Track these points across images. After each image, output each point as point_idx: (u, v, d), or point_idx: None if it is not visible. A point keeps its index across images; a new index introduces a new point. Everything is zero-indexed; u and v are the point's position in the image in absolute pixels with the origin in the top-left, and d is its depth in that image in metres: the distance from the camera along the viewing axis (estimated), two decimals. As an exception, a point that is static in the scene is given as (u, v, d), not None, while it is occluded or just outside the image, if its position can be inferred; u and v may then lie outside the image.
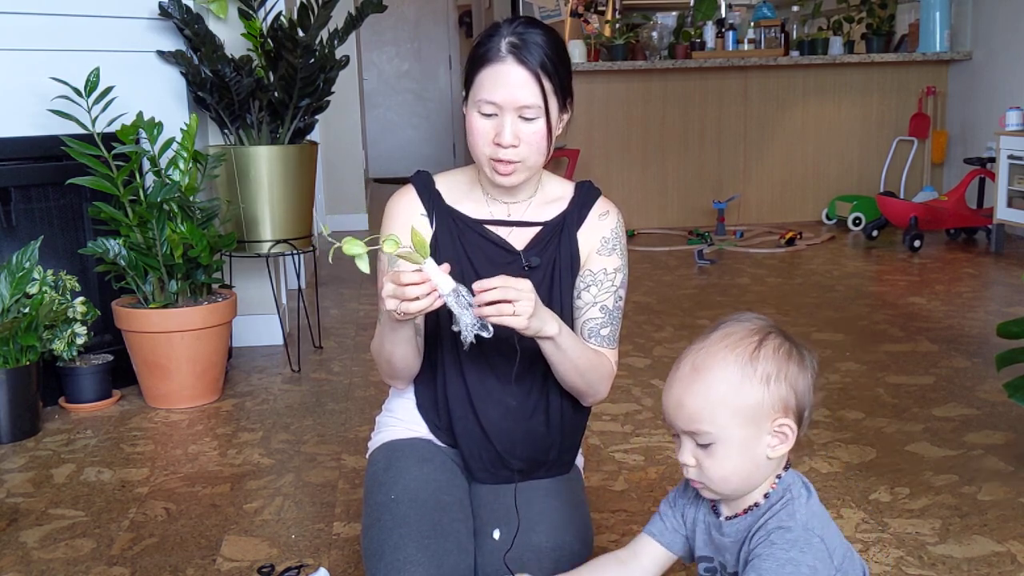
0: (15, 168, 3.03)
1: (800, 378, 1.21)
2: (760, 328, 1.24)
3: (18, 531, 2.20)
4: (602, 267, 1.65)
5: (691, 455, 1.23)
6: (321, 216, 6.60)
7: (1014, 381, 2.37)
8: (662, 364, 3.38)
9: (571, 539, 1.55)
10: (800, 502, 1.23)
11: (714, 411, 1.19)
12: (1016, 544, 2.02)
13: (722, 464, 1.21)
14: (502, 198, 1.66)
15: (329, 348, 3.76)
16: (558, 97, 1.55)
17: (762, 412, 1.19)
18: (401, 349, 1.58)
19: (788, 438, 1.21)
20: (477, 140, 1.54)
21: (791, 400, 1.20)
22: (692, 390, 1.20)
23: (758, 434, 1.20)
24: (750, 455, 1.21)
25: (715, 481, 1.22)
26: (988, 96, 6.14)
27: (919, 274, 4.90)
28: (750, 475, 1.22)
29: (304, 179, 3.43)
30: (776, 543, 1.18)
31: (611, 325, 1.65)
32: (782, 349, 1.22)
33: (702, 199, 6.56)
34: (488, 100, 1.52)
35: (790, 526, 1.19)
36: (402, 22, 10.63)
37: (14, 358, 2.79)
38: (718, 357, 1.20)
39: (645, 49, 6.70)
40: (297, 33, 3.22)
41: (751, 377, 1.19)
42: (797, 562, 1.16)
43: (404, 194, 1.68)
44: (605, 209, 1.68)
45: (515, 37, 1.51)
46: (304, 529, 2.17)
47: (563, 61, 1.56)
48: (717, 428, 1.19)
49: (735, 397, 1.19)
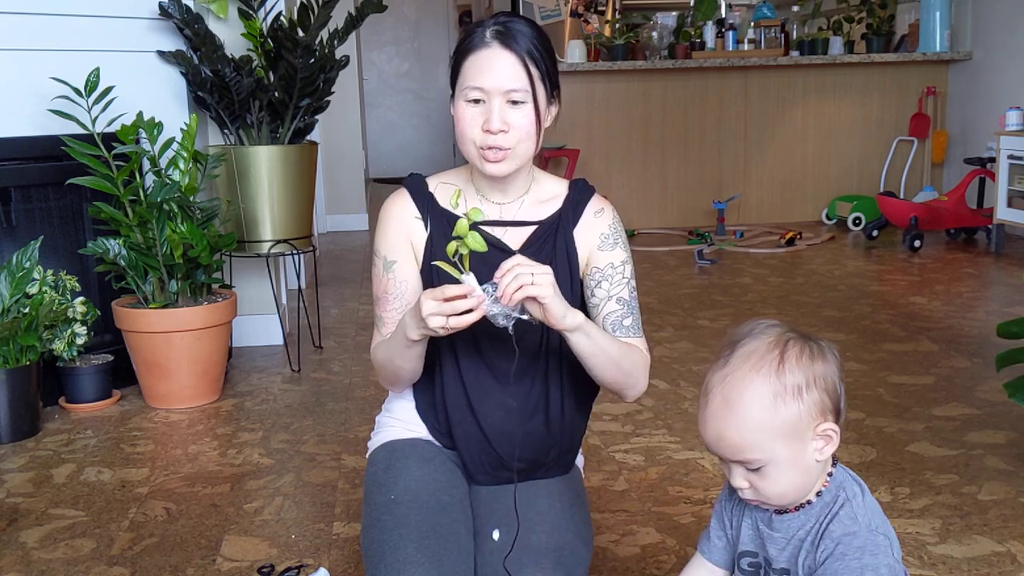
0: (15, 168, 3.03)
1: (828, 376, 1.21)
2: (777, 339, 1.21)
3: (18, 531, 2.20)
4: (608, 262, 1.64)
5: (743, 479, 1.22)
6: (321, 216, 6.61)
7: (1014, 381, 2.37)
8: (663, 364, 3.38)
9: (571, 539, 1.55)
10: (857, 502, 1.23)
11: (756, 438, 1.18)
12: (1017, 544, 2.02)
13: (776, 482, 1.20)
14: (494, 198, 1.65)
15: (329, 348, 3.76)
16: (545, 85, 1.55)
17: (803, 424, 1.19)
18: (411, 364, 1.58)
19: (833, 439, 1.21)
20: (465, 129, 1.53)
21: (826, 401, 1.20)
22: (729, 424, 1.19)
23: (803, 445, 1.19)
24: (800, 466, 1.20)
25: (772, 498, 1.22)
26: (988, 96, 6.14)
27: (919, 274, 4.90)
28: (804, 484, 1.22)
29: (304, 179, 3.43)
30: (847, 554, 1.17)
31: (632, 315, 1.64)
32: (804, 354, 1.20)
33: (702, 199, 6.56)
34: (474, 86, 1.51)
35: (855, 531, 1.19)
36: (402, 22, 10.62)
37: (14, 358, 2.79)
38: (745, 382, 1.18)
39: (645, 49, 6.70)
40: (297, 33, 3.22)
41: (783, 394, 1.18)
42: (873, 566, 1.17)
43: (398, 198, 1.67)
44: (600, 206, 1.67)
45: (499, 26, 1.52)
46: (304, 529, 2.17)
47: (549, 52, 1.56)
48: (763, 453, 1.19)
49: (773, 419, 1.18)
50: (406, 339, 1.51)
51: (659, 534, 2.10)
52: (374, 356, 1.67)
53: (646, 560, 2.00)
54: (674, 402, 2.99)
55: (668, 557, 2.00)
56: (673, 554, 2.02)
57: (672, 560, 1.99)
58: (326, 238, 6.59)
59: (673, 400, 3.01)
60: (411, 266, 1.64)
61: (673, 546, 2.05)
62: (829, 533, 1.20)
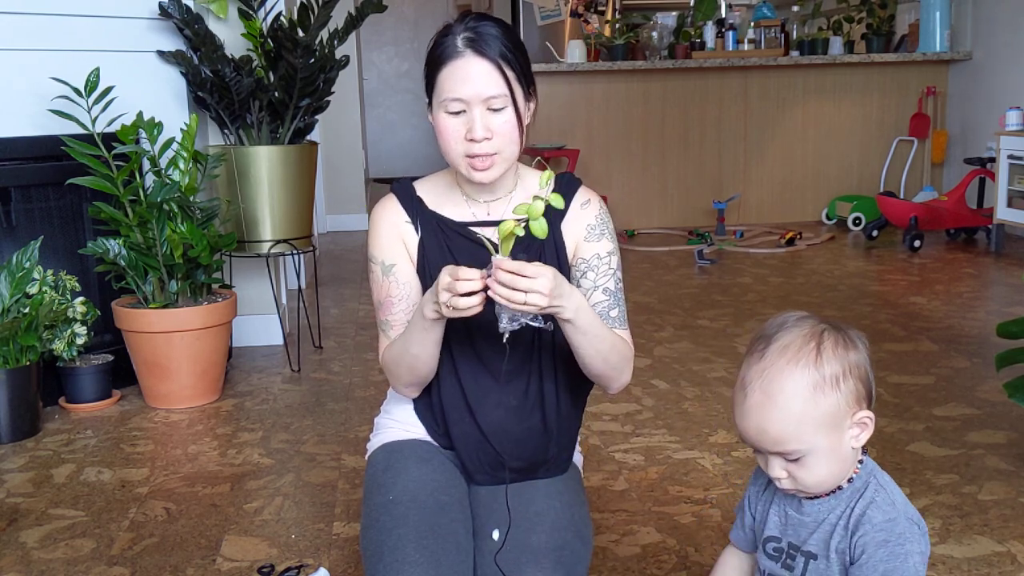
0: (15, 168, 3.03)
1: (862, 363, 1.23)
2: (812, 331, 1.23)
3: (18, 531, 2.20)
4: (595, 252, 1.64)
5: (782, 469, 1.24)
6: (321, 216, 6.61)
7: (1014, 381, 2.37)
8: (662, 364, 3.38)
9: (571, 538, 1.55)
10: (892, 489, 1.26)
11: (798, 430, 1.20)
12: (1017, 544, 2.02)
13: (815, 471, 1.23)
14: (481, 197, 1.65)
15: (329, 348, 3.76)
16: (522, 85, 1.55)
17: (841, 413, 1.21)
18: (429, 351, 1.56)
19: (868, 426, 1.23)
20: (449, 141, 1.54)
21: (861, 389, 1.22)
22: (771, 417, 1.21)
23: (841, 434, 1.22)
24: (838, 455, 1.23)
25: (811, 486, 1.24)
26: (988, 96, 6.14)
27: (919, 274, 4.90)
28: (841, 471, 1.25)
29: (304, 179, 3.43)
30: (890, 540, 1.20)
31: (618, 306, 1.64)
32: (840, 344, 1.22)
33: (702, 199, 6.56)
34: (453, 97, 1.51)
35: (894, 517, 1.22)
36: (402, 22, 10.62)
37: (14, 358, 2.79)
38: (785, 374, 1.20)
39: (645, 49, 6.70)
40: (297, 33, 3.22)
41: (822, 385, 1.20)
42: (912, 552, 1.20)
43: (387, 203, 1.67)
44: (586, 198, 1.68)
45: (469, 32, 1.51)
46: (304, 529, 2.17)
47: (520, 50, 1.56)
48: (804, 444, 1.21)
49: (814, 410, 1.20)
50: (423, 319, 1.50)
51: (659, 534, 2.10)
52: (385, 358, 1.66)
53: (646, 560, 2.00)
54: (674, 402, 2.99)
55: (668, 557, 2.00)
56: (673, 554, 2.02)
57: (672, 560, 1.99)
58: (326, 238, 6.59)
59: (673, 400, 3.01)
60: (409, 267, 1.64)
61: (673, 546, 2.05)
62: (869, 519, 1.22)
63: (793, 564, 1.29)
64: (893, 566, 1.19)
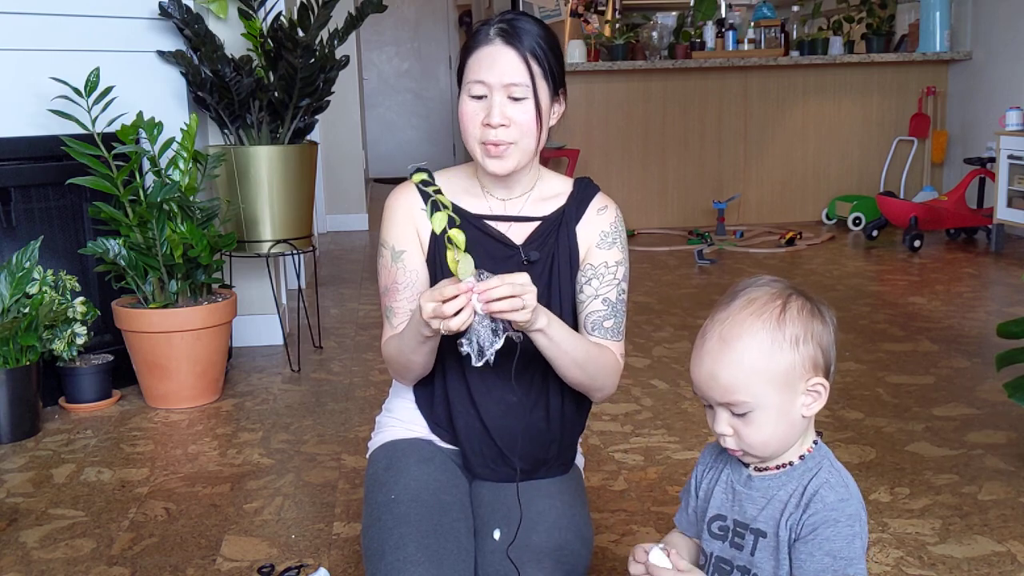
0: (15, 168, 3.03)
1: (824, 334, 1.23)
2: (781, 291, 1.24)
3: (18, 531, 2.20)
4: (603, 260, 1.64)
5: (728, 425, 1.23)
6: (321, 216, 6.61)
7: (1014, 381, 2.37)
8: (662, 364, 3.39)
9: (571, 539, 1.55)
10: (846, 472, 1.25)
11: (749, 381, 1.19)
12: (1016, 544, 2.02)
13: (760, 430, 1.21)
14: (499, 194, 1.65)
15: (329, 348, 3.76)
16: (548, 82, 1.56)
17: (795, 374, 1.20)
18: (424, 358, 1.59)
19: (821, 395, 1.22)
20: (467, 123, 1.56)
21: (819, 358, 1.22)
22: (724, 362, 1.20)
23: (793, 396, 1.21)
24: (787, 418, 1.22)
25: (755, 447, 1.23)
26: (988, 96, 6.14)
27: (919, 274, 4.90)
28: (787, 436, 1.23)
29: (304, 179, 3.43)
30: (840, 520, 1.19)
31: (614, 318, 1.64)
32: (805, 309, 1.23)
33: (702, 199, 6.56)
34: (476, 80, 1.53)
35: (847, 498, 1.21)
36: (402, 22, 10.62)
37: (14, 358, 2.79)
38: (745, 325, 1.21)
39: (645, 49, 6.70)
40: (297, 33, 3.22)
41: (781, 342, 1.19)
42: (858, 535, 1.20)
43: (404, 190, 1.68)
44: (603, 204, 1.68)
45: (504, 24, 1.54)
46: (304, 529, 2.17)
47: (554, 51, 1.57)
48: (753, 397, 1.20)
49: (768, 364, 1.19)
50: (419, 335, 1.51)
51: (659, 534, 2.10)
52: (385, 349, 1.68)
53: (646, 560, 1.99)
54: (674, 402, 2.99)
55: (668, 557, 2.00)
56: (673, 554, 2.02)
57: (672, 560, 1.99)
58: (326, 238, 6.59)
59: (673, 400, 3.01)
60: (419, 256, 1.65)
61: (673, 546, 2.05)
62: (822, 498, 1.21)
63: (742, 543, 1.27)
64: (839, 546, 1.18)
